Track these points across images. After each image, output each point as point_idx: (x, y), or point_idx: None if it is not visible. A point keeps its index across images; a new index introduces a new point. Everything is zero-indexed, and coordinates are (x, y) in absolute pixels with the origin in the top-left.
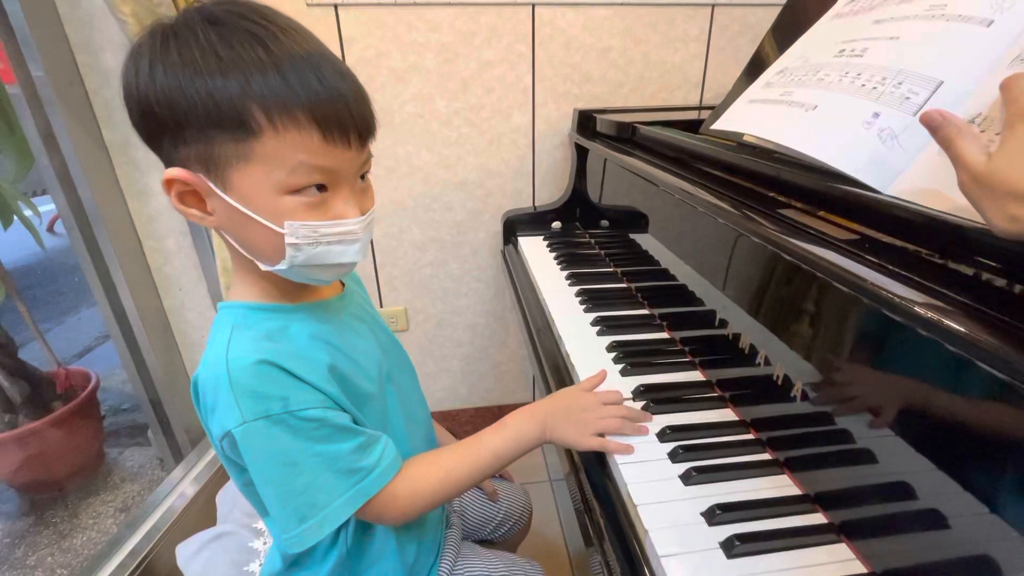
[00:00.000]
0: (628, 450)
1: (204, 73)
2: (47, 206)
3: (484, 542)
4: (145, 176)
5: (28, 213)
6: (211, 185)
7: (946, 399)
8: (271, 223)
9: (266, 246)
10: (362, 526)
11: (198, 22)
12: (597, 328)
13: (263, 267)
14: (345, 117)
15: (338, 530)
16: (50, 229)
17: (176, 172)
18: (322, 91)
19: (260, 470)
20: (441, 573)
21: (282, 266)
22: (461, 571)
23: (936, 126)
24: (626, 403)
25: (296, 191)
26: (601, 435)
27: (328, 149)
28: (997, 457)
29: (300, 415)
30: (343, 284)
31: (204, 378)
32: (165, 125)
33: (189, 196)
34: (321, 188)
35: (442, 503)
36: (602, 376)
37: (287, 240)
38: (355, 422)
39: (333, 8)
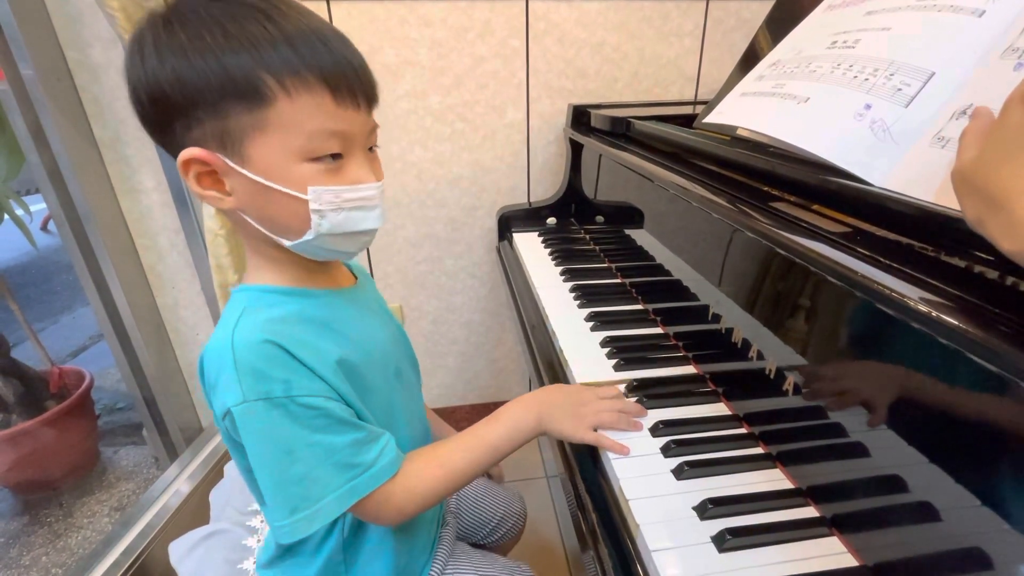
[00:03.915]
0: (623, 449)
1: (213, 47)
2: (39, 205)
3: (476, 546)
4: (137, 173)
5: (20, 212)
6: (228, 162)
7: (938, 392)
8: (294, 191)
9: (291, 218)
10: (358, 519)
11: (200, 2)
12: (591, 324)
13: (288, 243)
14: (352, 79)
15: (334, 521)
16: (44, 228)
17: (193, 152)
18: (329, 56)
19: (257, 453)
20: (433, 573)
21: (308, 236)
22: (452, 572)
23: (972, 117)
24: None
25: (313, 159)
26: (596, 429)
27: (340, 112)
28: (989, 450)
29: (300, 401)
30: (356, 277)
31: (209, 354)
32: (177, 106)
33: (206, 178)
34: (336, 157)
35: (441, 500)
36: (613, 390)
37: (312, 206)
38: (359, 417)
39: (325, 3)
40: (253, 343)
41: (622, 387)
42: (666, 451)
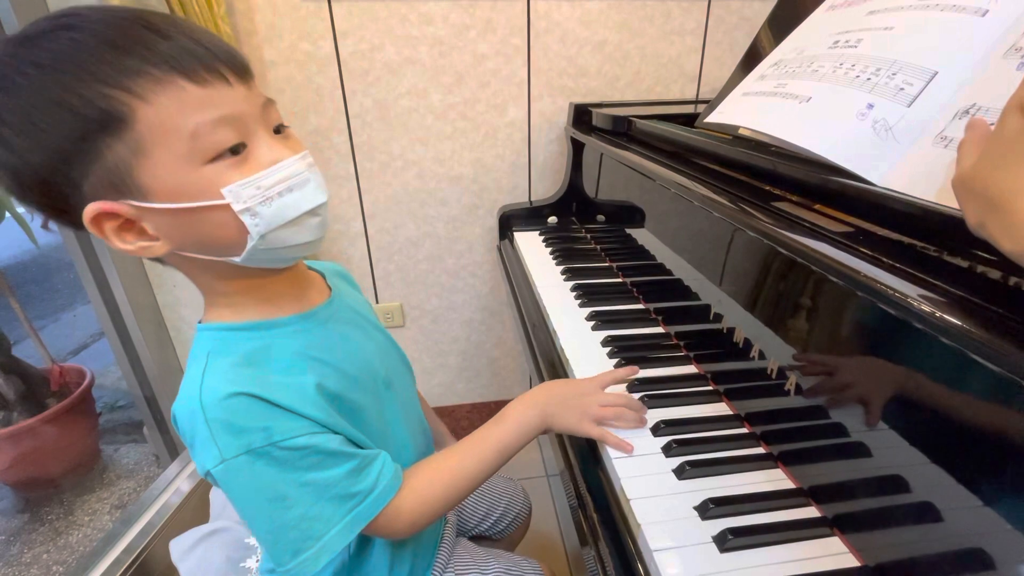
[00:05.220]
0: (627, 447)
1: (41, 91)
2: None
3: (484, 539)
4: None
5: (21, 210)
6: (133, 203)
7: (940, 392)
8: (209, 201)
9: (224, 231)
10: (362, 536)
11: (7, 53)
12: (592, 323)
13: (238, 260)
14: (203, 54)
15: None
16: (44, 226)
17: (94, 207)
18: (163, 41)
19: (247, 507)
20: (435, 574)
21: (252, 242)
22: (453, 573)
23: (967, 128)
24: (612, 389)
25: (213, 159)
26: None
27: (209, 94)
28: (991, 450)
29: (285, 445)
30: (330, 288)
31: (180, 412)
32: (51, 174)
33: (126, 232)
34: (236, 150)
35: (454, 506)
36: (622, 374)
37: (235, 208)
38: (350, 439)
39: (327, 1)
40: (220, 398)
41: (623, 387)
42: (667, 451)
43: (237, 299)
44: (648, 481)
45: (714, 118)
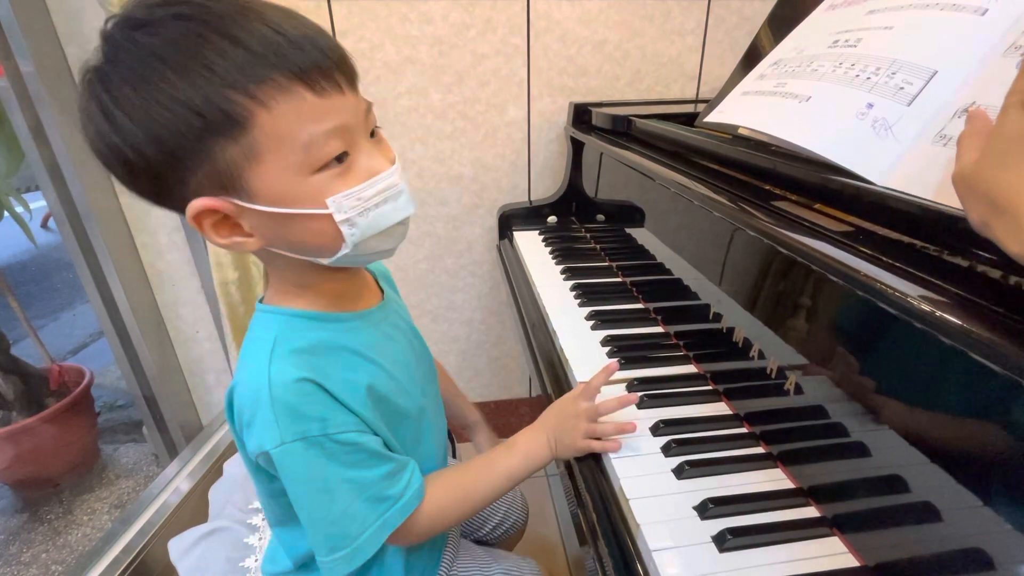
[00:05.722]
0: (614, 447)
1: (162, 86)
2: (39, 202)
3: (480, 543)
4: None
5: (20, 209)
6: (236, 202)
7: (940, 392)
8: (313, 209)
9: (320, 237)
10: None
11: (124, 37)
12: (592, 323)
13: (326, 261)
14: (323, 61)
15: None
16: (44, 225)
17: (200, 203)
18: (284, 42)
19: (296, 492)
20: (441, 573)
21: (345, 250)
22: (458, 573)
23: (967, 121)
24: (613, 388)
25: (320, 169)
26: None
27: (325, 104)
28: (991, 450)
29: (336, 438)
30: (382, 291)
31: (242, 391)
32: (158, 165)
33: (222, 226)
34: (341, 159)
35: (459, 523)
36: (600, 379)
37: (337, 218)
38: (386, 445)
39: (326, 0)
40: (289, 381)
41: (622, 387)
42: (667, 450)
43: (306, 291)
44: (647, 481)
45: (714, 117)
